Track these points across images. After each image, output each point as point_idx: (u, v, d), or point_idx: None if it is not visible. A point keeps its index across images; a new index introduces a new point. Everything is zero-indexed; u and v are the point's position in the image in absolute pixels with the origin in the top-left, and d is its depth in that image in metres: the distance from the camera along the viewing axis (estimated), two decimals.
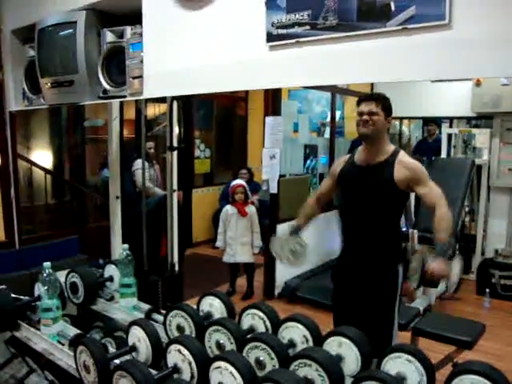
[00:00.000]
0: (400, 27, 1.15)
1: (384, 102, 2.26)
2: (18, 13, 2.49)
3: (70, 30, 2.04)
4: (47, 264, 2.04)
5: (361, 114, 2.25)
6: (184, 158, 5.91)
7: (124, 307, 2.21)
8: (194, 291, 2.13)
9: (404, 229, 4.46)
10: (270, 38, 1.37)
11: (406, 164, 2.25)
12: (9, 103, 2.60)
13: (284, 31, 1.34)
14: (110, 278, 2.34)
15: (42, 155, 4.66)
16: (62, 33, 2.10)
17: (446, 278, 2.18)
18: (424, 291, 4.39)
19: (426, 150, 5.93)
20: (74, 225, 4.04)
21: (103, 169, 4.87)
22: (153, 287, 2.96)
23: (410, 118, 7.59)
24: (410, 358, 1.44)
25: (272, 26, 1.36)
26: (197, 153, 6.87)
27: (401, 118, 7.28)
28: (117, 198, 2.82)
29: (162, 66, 1.73)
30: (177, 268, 3.27)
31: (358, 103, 2.29)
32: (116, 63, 1.97)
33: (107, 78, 1.99)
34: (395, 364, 1.45)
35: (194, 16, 1.58)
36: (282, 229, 4.55)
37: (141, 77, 1.80)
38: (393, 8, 1.15)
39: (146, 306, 2.22)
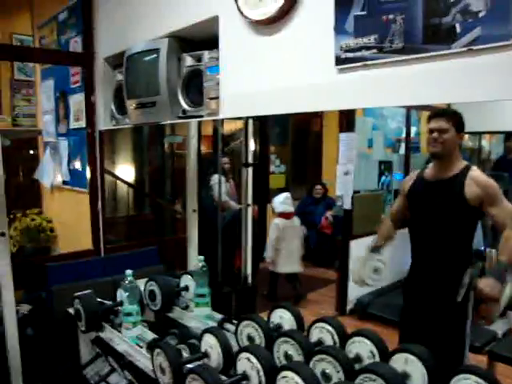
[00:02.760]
0: (465, 49, 1.16)
1: (454, 118, 2.21)
2: (110, 42, 2.73)
3: (154, 56, 2.21)
4: (129, 272, 2.20)
5: (431, 131, 2.22)
6: (259, 173, 6.05)
7: (198, 316, 2.32)
8: (267, 303, 2.20)
9: (481, 248, 4.29)
10: (339, 61, 1.43)
11: (477, 181, 2.17)
12: (99, 123, 2.83)
13: (352, 55, 1.39)
14: (186, 288, 2.47)
15: (125, 170, 4.95)
16: (146, 58, 2.28)
17: (496, 301, 2.06)
18: (503, 313, 4.18)
19: (506, 167, 5.66)
20: (153, 236, 4.27)
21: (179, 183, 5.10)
22: (226, 298, 3.06)
23: (489, 133, 7.26)
24: (479, 380, 1.41)
25: (340, 49, 1.42)
26: (272, 168, 6.98)
27: (480, 133, 6.99)
28: (193, 211, 2.96)
29: (236, 87, 1.83)
30: (250, 280, 3.35)
31: (429, 120, 2.27)
32: (194, 85, 2.10)
33: (186, 99, 2.12)
34: None
35: (266, 41, 1.67)
36: (356, 244, 4.54)
37: (217, 98, 1.91)
38: (458, 30, 1.17)
39: (219, 316, 2.32)
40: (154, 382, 2.09)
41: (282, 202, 5.02)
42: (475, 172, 2.21)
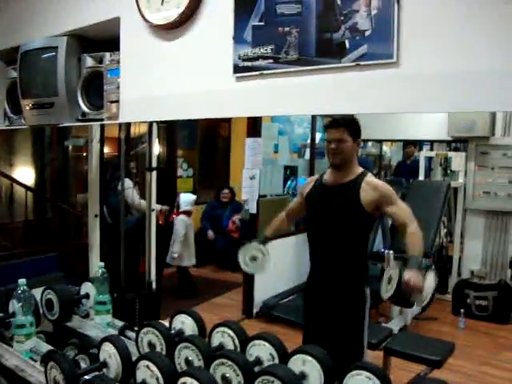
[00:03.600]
0: (354, 63, 1.24)
1: (351, 127, 2.27)
2: (2, 35, 2.56)
3: (52, 54, 2.11)
4: (22, 281, 2.09)
5: (329, 141, 2.29)
6: (167, 176, 5.99)
7: (99, 324, 2.25)
8: (171, 309, 2.19)
9: (382, 250, 4.55)
10: (237, 69, 1.46)
11: (373, 185, 2.29)
12: None
13: (249, 63, 1.42)
14: (86, 296, 2.38)
15: (24, 172, 4.69)
16: (43, 56, 2.16)
17: (420, 291, 2.22)
18: (400, 311, 4.46)
19: (405, 171, 6.07)
20: (53, 242, 4.07)
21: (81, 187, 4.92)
22: (129, 305, 3.00)
23: (389, 141, 7.74)
24: (369, 375, 1.50)
25: (238, 58, 1.45)
26: (180, 172, 6.93)
27: (381, 141, 7.43)
28: (95, 216, 2.86)
29: (136, 91, 1.80)
30: (154, 286, 3.30)
31: (325, 129, 2.34)
32: (95, 87, 2.03)
33: (86, 101, 2.05)
34: (355, 381, 1.51)
35: (167, 46, 1.66)
36: None
37: (117, 101, 1.87)
38: (347, 45, 1.24)
39: (120, 324, 2.26)
40: None
41: (189, 201, 5.46)
42: (370, 178, 2.33)
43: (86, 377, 1.67)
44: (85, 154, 5.51)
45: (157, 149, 3.10)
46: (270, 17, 1.37)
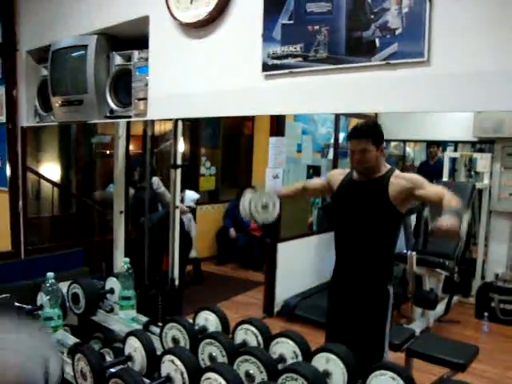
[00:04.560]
0: (384, 62, 1.23)
1: (374, 135, 2.26)
2: (34, 34, 2.62)
3: (82, 53, 2.15)
4: (50, 274, 2.12)
5: (352, 151, 2.28)
6: (189, 175, 6.03)
7: (123, 319, 2.28)
8: (194, 306, 2.20)
9: (404, 251, 4.51)
10: (266, 67, 1.47)
11: (401, 176, 2.29)
12: (21, 119, 2.71)
13: (278, 62, 1.43)
14: (111, 291, 2.41)
15: (51, 168, 4.77)
16: (73, 54, 2.21)
17: (457, 234, 2.01)
18: (422, 313, 4.42)
19: (428, 172, 5.99)
20: (79, 237, 4.14)
21: (109, 184, 4.98)
22: (152, 301, 3.03)
23: (413, 141, 7.66)
24: (394, 375, 1.49)
25: (268, 56, 1.45)
26: (202, 170, 6.97)
27: (404, 141, 7.35)
28: (120, 212, 2.90)
29: (165, 89, 1.83)
30: (177, 283, 3.33)
31: (348, 139, 2.34)
32: (123, 85, 2.07)
33: (114, 98, 2.09)
34: (379, 381, 1.50)
35: (196, 44, 1.68)
36: (284, 247, 4.64)
37: (145, 99, 1.89)
38: (377, 44, 1.24)
39: (144, 319, 2.29)
40: None
41: (192, 198, 5.78)
42: (398, 172, 2.33)
43: (112, 370, 1.70)
44: (109, 152, 5.60)
45: (181, 146, 3.12)
46: (299, 15, 1.38)
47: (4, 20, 2.82)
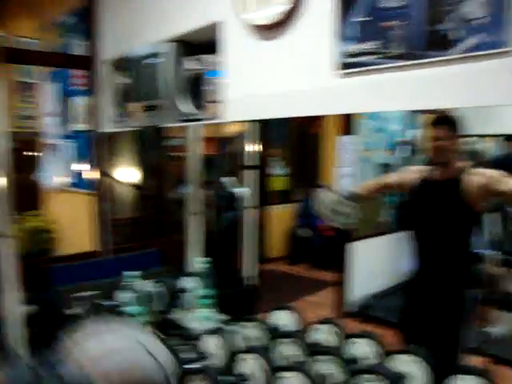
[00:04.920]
0: (464, 55, 1.18)
1: (454, 124, 2.24)
2: (113, 45, 2.75)
3: (157, 60, 2.23)
4: (133, 273, 2.22)
5: (434, 139, 2.24)
6: (259, 175, 6.08)
7: (200, 317, 2.34)
8: (268, 305, 2.23)
9: (485, 250, 4.31)
10: (341, 66, 1.45)
11: (478, 173, 2.20)
12: (103, 125, 2.86)
13: (353, 60, 1.41)
14: (188, 289, 2.49)
15: (125, 171, 4.97)
16: (149, 62, 2.30)
17: None
18: (502, 316, 4.20)
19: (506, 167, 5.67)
20: (155, 237, 4.29)
21: (181, 185, 5.12)
22: (228, 300, 3.08)
23: (489, 136, 7.28)
24: (477, 379, 1.44)
25: (342, 55, 1.44)
26: (272, 170, 7.00)
27: (480, 136, 7.00)
28: (195, 213, 2.98)
29: (237, 91, 1.86)
30: (252, 282, 3.37)
31: (431, 127, 2.28)
32: (197, 89, 2.12)
33: (189, 102, 2.14)
34: None
35: (268, 45, 1.69)
36: (357, 246, 4.58)
37: (219, 101, 1.93)
38: (456, 36, 1.19)
39: (221, 317, 2.34)
40: None
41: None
42: (475, 168, 2.25)
43: (191, 366, 1.75)
44: (180, 154, 5.75)
45: (253, 147, 3.16)
46: (373, 11, 1.35)
47: (88, 34, 2.99)
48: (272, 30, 1.65)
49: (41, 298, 2.94)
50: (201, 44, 2.17)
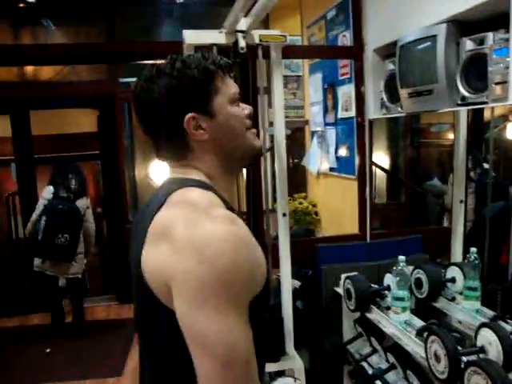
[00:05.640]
0: None
1: None
2: (379, 33, 2.79)
3: (430, 43, 2.18)
4: (402, 258, 2.25)
5: None
6: None
7: (466, 309, 2.25)
8: None
9: None
10: None
11: None
12: (368, 112, 2.94)
13: None
14: (453, 279, 2.41)
15: (381, 157, 5.01)
16: (421, 46, 2.26)
17: None
18: None
19: None
20: (415, 225, 4.26)
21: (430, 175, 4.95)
22: (491, 295, 2.89)
23: None
24: None
25: None
26: None
27: None
28: (460, 201, 2.85)
29: None
30: None
31: None
32: (475, 71, 2.01)
33: (465, 85, 2.05)
34: None
35: None
36: None
37: (505, 82, 1.80)
38: None
39: (489, 312, 2.21)
40: (418, 368, 2.12)
41: None
42: None
43: (465, 358, 1.71)
44: (434, 141, 5.54)
45: None
46: None
47: (354, 26, 3.11)
48: None
49: (305, 274, 3.22)
50: (482, 21, 2.05)
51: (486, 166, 4.06)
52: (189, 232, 0.85)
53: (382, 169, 4.21)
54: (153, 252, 0.90)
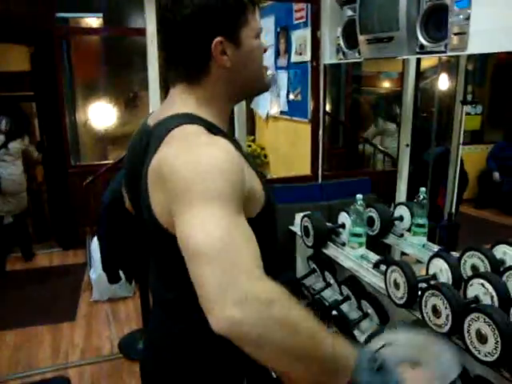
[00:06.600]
0: None
1: None
2: None
3: None
4: (359, 196, 2.39)
5: None
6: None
7: (415, 244, 2.45)
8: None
9: None
10: None
11: None
12: (323, 57, 3.00)
13: None
14: (401, 218, 2.60)
15: (331, 103, 5.14)
16: None
17: None
18: None
19: None
20: (363, 167, 4.48)
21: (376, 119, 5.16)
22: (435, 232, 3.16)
23: None
24: None
25: None
26: (467, 109, 6.60)
27: None
28: (406, 145, 3.04)
29: (488, 22, 1.82)
30: (452, 218, 3.39)
31: None
32: (435, 21, 2.12)
33: (425, 34, 2.16)
34: None
35: None
36: None
37: (464, 33, 1.92)
38: None
39: (434, 246, 2.43)
40: (371, 297, 2.32)
41: None
42: None
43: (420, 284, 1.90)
44: (374, 88, 5.74)
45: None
46: None
47: None
48: None
49: None
50: None
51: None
52: (182, 157, 0.88)
53: (327, 113, 4.34)
54: (159, 197, 0.94)
